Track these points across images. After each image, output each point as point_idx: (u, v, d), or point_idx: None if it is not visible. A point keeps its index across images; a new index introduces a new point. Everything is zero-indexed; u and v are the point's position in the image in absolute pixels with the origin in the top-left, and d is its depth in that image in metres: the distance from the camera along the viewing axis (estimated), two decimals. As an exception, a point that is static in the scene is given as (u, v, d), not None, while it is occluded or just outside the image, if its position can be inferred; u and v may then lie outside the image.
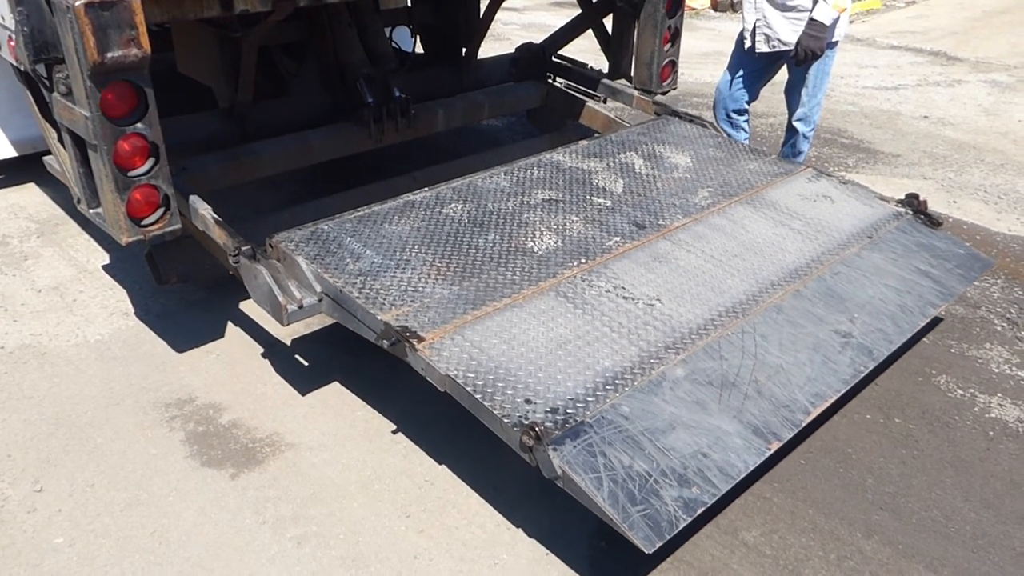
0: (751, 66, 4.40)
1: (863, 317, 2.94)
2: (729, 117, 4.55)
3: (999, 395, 3.19)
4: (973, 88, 7.31)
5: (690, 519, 2.12)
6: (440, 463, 2.81)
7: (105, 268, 3.99)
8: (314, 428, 2.98)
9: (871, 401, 3.11)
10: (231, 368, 3.30)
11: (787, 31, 4.13)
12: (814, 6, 3.99)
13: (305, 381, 3.22)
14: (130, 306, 3.69)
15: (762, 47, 4.24)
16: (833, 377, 2.65)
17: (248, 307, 3.64)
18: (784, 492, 2.70)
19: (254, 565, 2.42)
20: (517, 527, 2.56)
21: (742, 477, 2.28)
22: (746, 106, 4.53)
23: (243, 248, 2.83)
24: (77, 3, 2.34)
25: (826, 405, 2.57)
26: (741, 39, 4.40)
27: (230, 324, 3.56)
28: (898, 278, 3.18)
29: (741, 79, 4.44)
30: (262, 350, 3.39)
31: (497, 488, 2.66)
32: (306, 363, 3.33)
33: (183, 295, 3.75)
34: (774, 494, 2.69)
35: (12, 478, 2.72)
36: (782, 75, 4.50)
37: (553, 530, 2.54)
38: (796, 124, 4.42)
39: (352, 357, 3.30)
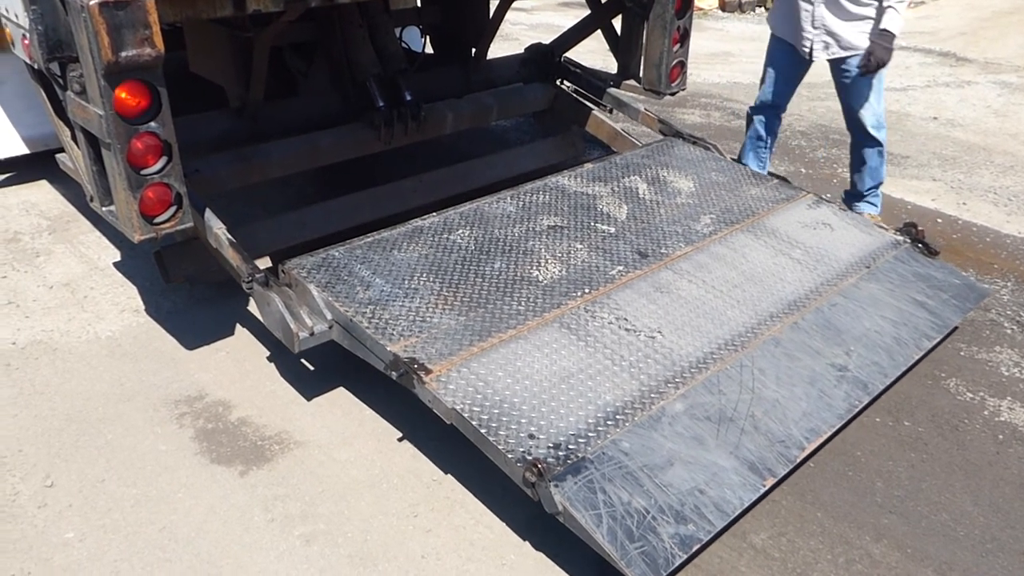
0: (793, 71, 4.30)
1: (859, 350, 2.96)
2: (767, 123, 4.44)
3: (1009, 398, 3.18)
4: (983, 89, 7.29)
5: (686, 556, 2.17)
6: (448, 463, 2.82)
7: (116, 265, 4.01)
8: (323, 426, 2.99)
9: (880, 404, 3.10)
10: (240, 366, 3.31)
11: (851, 36, 3.97)
12: (881, 15, 3.85)
13: (314, 379, 3.24)
14: (140, 303, 3.71)
15: (820, 55, 4.10)
16: (828, 412, 2.68)
17: (255, 306, 3.65)
18: (792, 495, 2.70)
19: (262, 562, 2.43)
20: (525, 527, 2.57)
21: (737, 514, 2.31)
22: (782, 112, 4.46)
23: (256, 275, 2.86)
24: (91, 2, 2.35)
25: (821, 440, 2.60)
26: (783, 46, 4.24)
27: (239, 322, 3.58)
28: (895, 309, 3.20)
29: (786, 84, 4.32)
30: (271, 348, 3.40)
31: (505, 488, 2.66)
32: (315, 361, 3.34)
33: (193, 292, 3.77)
34: (782, 497, 2.69)
35: (23, 473, 2.74)
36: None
37: (562, 531, 2.54)
38: (875, 133, 4.18)
39: (359, 356, 3.31)
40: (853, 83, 4.12)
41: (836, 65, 4.14)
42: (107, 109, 2.53)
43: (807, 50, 4.15)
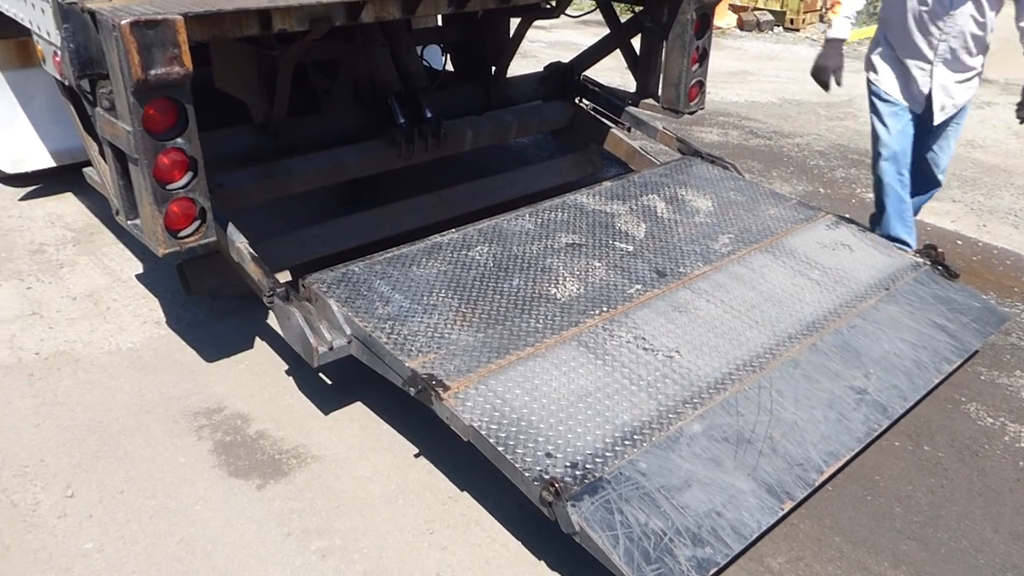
0: (911, 126, 3.89)
1: (878, 373, 2.95)
2: (901, 174, 3.90)
3: (1030, 424, 3.16)
4: (1003, 111, 7.25)
5: None
6: (464, 480, 2.82)
7: (138, 277, 4.06)
8: (340, 441, 3.01)
9: (900, 428, 3.08)
10: (259, 379, 3.34)
11: (961, 92, 3.75)
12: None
13: (331, 394, 3.26)
14: (162, 315, 3.75)
15: (940, 116, 3.76)
16: (847, 435, 2.67)
17: (276, 319, 3.68)
18: (811, 519, 2.68)
19: (279, 576, 2.44)
20: (541, 546, 2.57)
21: (755, 537, 2.30)
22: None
23: (277, 290, 2.89)
24: (123, 22, 2.40)
25: (839, 464, 2.59)
26: (895, 105, 3.82)
27: (258, 335, 3.61)
28: (914, 332, 3.18)
29: (912, 137, 3.86)
30: (290, 361, 3.43)
31: (521, 506, 2.66)
32: (333, 375, 3.36)
33: (213, 305, 3.81)
34: (800, 520, 2.67)
35: (44, 483, 2.77)
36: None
37: (578, 551, 2.53)
38: (942, 177, 4.01)
39: (377, 372, 3.33)
40: (946, 133, 3.87)
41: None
42: (135, 125, 2.57)
43: (922, 111, 3.79)
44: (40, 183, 4.95)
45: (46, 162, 4.77)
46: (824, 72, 3.80)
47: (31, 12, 2.93)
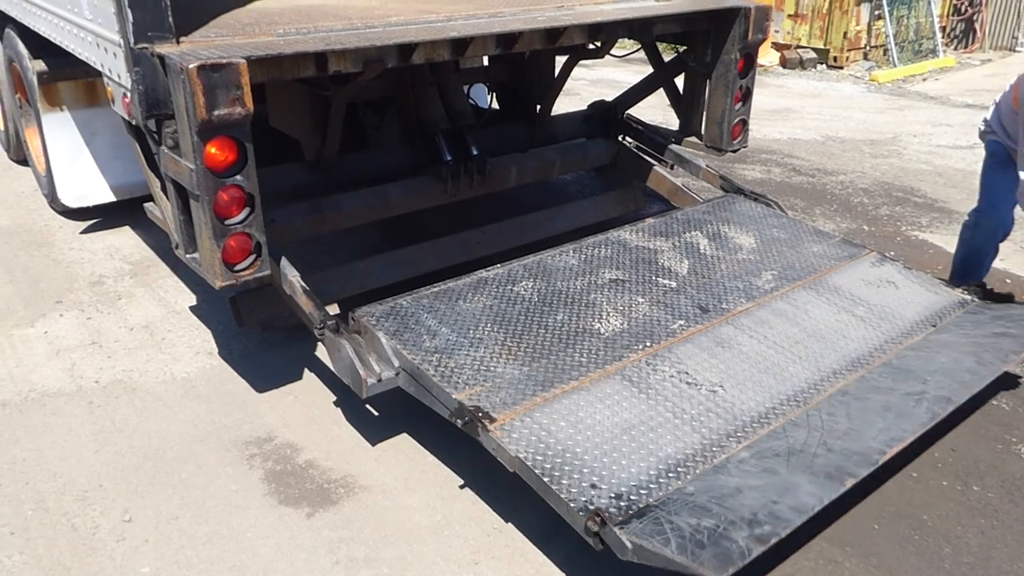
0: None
1: (936, 378, 2.92)
2: (997, 248, 4.03)
3: (1085, 467, 3.08)
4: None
5: (764, 548, 2.16)
6: (508, 511, 2.85)
7: (192, 309, 4.19)
8: (386, 472, 3.06)
9: (948, 467, 3.04)
10: (307, 409, 3.41)
11: None
12: None
13: (378, 425, 3.31)
14: (214, 346, 3.86)
15: None
16: (908, 423, 2.67)
17: (324, 351, 3.76)
18: (856, 557, 2.65)
19: (327, 604, 2.48)
20: (584, 580, 2.58)
21: (816, 511, 2.30)
22: None
23: (328, 322, 2.97)
24: (191, 65, 2.53)
25: (902, 446, 2.58)
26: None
27: (306, 366, 3.70)
28: (973, 343, 3.14)
29: (1014, 204, 3.90)
30: (337, 392, 3.50)
31: (566, 538, 2.68)
32: (379, 406, 3.43)
33: (263, 337, 3.91)
34: (846, 559, 2.64)
35: (103, 507, 2.86)
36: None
37: (621, 585, 2.55)
38: None
39: (424, 403, 3.38)
40: None
41: None
42: (198, 163, 2.69)
43: None
44: (99, 217, 5.15)
45: (107, 197, 4.98)
46: None
47: (103, 56, 3.09)
